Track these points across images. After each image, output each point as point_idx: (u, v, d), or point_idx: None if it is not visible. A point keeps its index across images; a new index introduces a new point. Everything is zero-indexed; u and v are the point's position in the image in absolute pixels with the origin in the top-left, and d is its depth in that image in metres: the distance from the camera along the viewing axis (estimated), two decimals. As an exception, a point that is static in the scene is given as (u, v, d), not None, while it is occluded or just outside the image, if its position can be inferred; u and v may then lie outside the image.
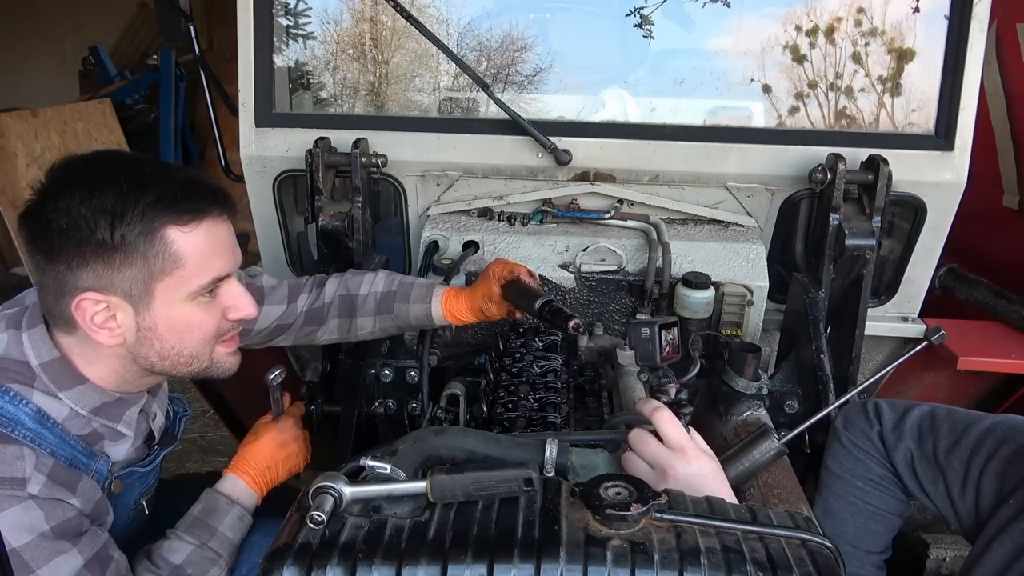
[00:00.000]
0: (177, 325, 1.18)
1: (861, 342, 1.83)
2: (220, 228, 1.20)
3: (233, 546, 1.38)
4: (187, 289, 1.17)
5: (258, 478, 1.46)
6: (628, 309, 1.88)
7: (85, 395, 1.21)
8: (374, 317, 1.64)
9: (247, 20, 1.91)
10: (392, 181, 2.00)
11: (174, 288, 1.16)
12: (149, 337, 1.18)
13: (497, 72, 2.12)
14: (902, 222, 2.01)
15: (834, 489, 1.52)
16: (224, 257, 1.21)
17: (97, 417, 1.23)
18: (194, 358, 1.24)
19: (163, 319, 1.17)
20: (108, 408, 1.25)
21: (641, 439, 1.13)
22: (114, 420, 1.26)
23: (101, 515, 1.24)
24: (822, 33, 2.03)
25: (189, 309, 1.19)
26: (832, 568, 0.87)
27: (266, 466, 1.48)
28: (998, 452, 1.29)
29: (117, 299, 1.14)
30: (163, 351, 1.20)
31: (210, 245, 1.18)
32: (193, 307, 1.19)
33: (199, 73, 2.32)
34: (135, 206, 1.10)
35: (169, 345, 1.20)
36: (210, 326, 1.22)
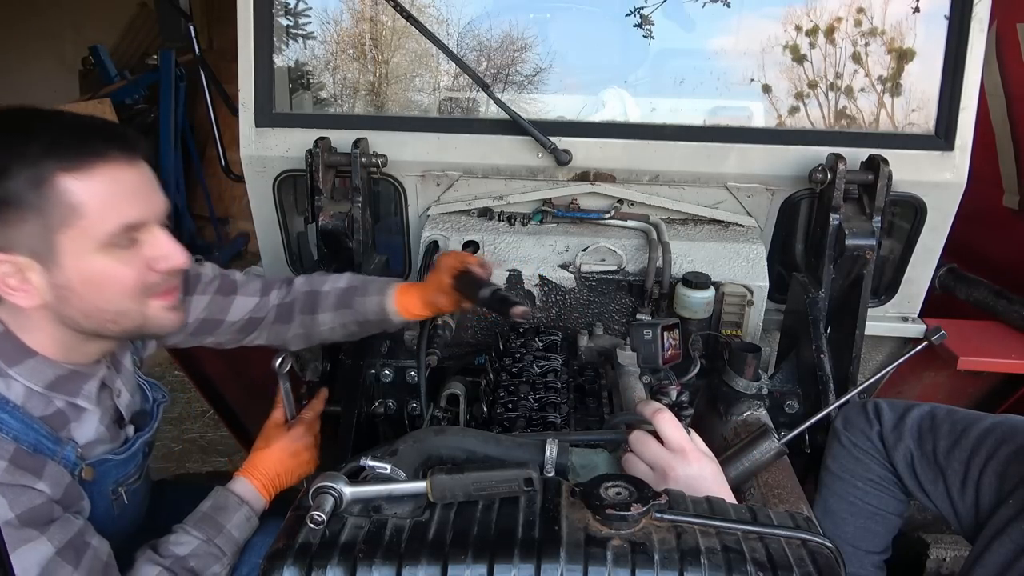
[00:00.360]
0: (92, 279, 1.11)
1: (861, 342, 1.83)
2: (126, 172, 1.12)
3: (238, 546, 1.37)
4: (93, 239, 1.09)
5: (268, 485, 1.46)
6: (628, 309, 1.88)
7: (36, 369, 1.16)
8: (334, 312, 1.60)
9: (247, 20, 1.91)
10: (392, 181, 2.00)
11: (78, 239, 1.08)
12: (67, 296, 1.11)
13: (497, 72, 2.12)
14: (902, 222, 2.01)
15: (834, 489, 1.53)
16: (135, 203, 1.13)
17: (54, 393, 1.18)
18: (121, 315, 1.15)
19: (75, 274, 1.10)
20: (63, 383, 1.19)
21: (641, 440, 1.13)
22: (72, 395, 1.21)
23: (74, 501, 1.19)
24: (822, 33, 2.03)
25: (102, 261, 1.11)
26: (832, 568, 0.87)
27: (276, 474, 1.47)
28: (998, 452, 1.30)
29: (24, 258, 1.08)
30: (85, 309, 1.13)
31: (113, 191, 1.10)
32: (107, 259, 1.11)
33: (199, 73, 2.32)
34: (21, 157, 1.04)
35: (89, 302, 1.12)
36: (130, 279, 1.14)
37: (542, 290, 1.87)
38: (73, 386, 1.22)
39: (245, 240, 6.32)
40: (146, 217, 1.15)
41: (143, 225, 1.15)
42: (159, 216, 1.18)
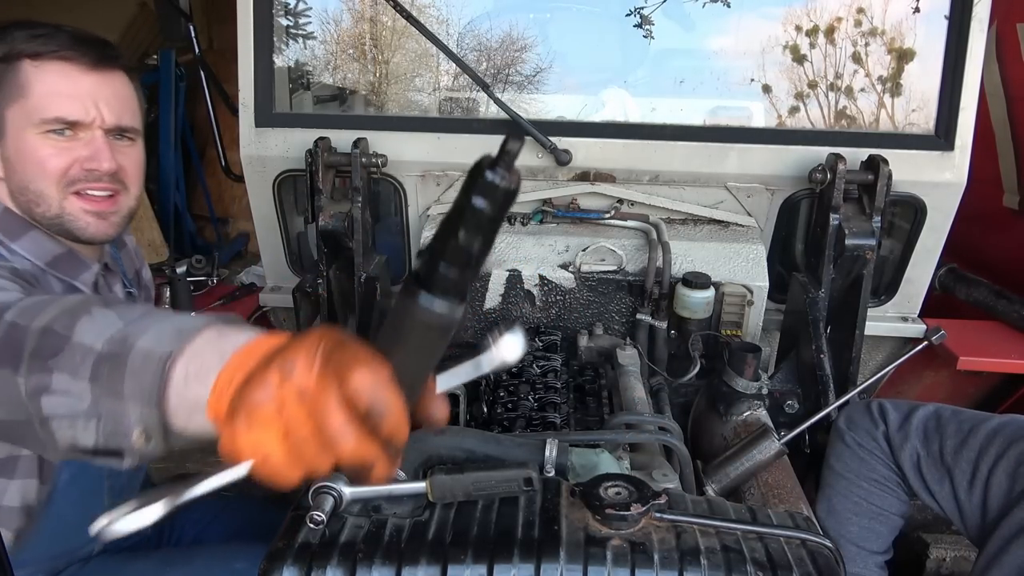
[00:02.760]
0: (23, 155, 1.20)
1: (861, 342, 1.83)
2: (84, 76, 1.21)
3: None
4: (30, 119, 1.18)
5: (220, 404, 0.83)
6: (628, 309, 1.88)
7: (37, 241, 1.22)
8: None
9: (247, 20, 1.91)
10: (392, 181, 2.00)
11: (19, 116, 1.18)
12: (8, 168, 1.21)
13: (497, 72, 2.12)
14: (902, 222, 2.01)
15: (838, 489, 1.52)
16: (80, 104, 1.21)
17: (55, 271, 1.23)
18: (40, 197, 1.22)
19: (13, 148, 1.20)
20: (63, 262, 1.25)
21: None
22: (71, 276, 1.26)
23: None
24: (822, 33, 2.03)
25: (36, 141, 1.20)
26: (832, 568, 0.87)
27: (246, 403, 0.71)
28: (1008, 452, 1.29)
29: None
30: (16, 184, 1.21)
31: (61, 86, 1.19)
32: (40, 140, 1.20)
33: (199, 73, 2.32)
34: (5, 37, 1.18)
35: (19, 177, 1.21)
36: (55, 165, 1.21)
37: (542, 290, 1.87)
38: (72, 268, 1.27)
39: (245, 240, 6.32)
40: (87, 120, 1.22)
41: (83, 125, 1.22)
42: (108, 124, 1.24)
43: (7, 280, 1.02)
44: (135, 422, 0.72)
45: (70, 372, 0.75)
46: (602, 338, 1.83)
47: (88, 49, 1.22)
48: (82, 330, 0.77)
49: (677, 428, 1.42)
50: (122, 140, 1.28)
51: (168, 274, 2.32)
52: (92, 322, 0.78)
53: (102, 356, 0.75)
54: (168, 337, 0.72)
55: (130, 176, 1.29)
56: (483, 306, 1.88)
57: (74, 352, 0.76)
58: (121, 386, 0.73)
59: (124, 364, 0.73)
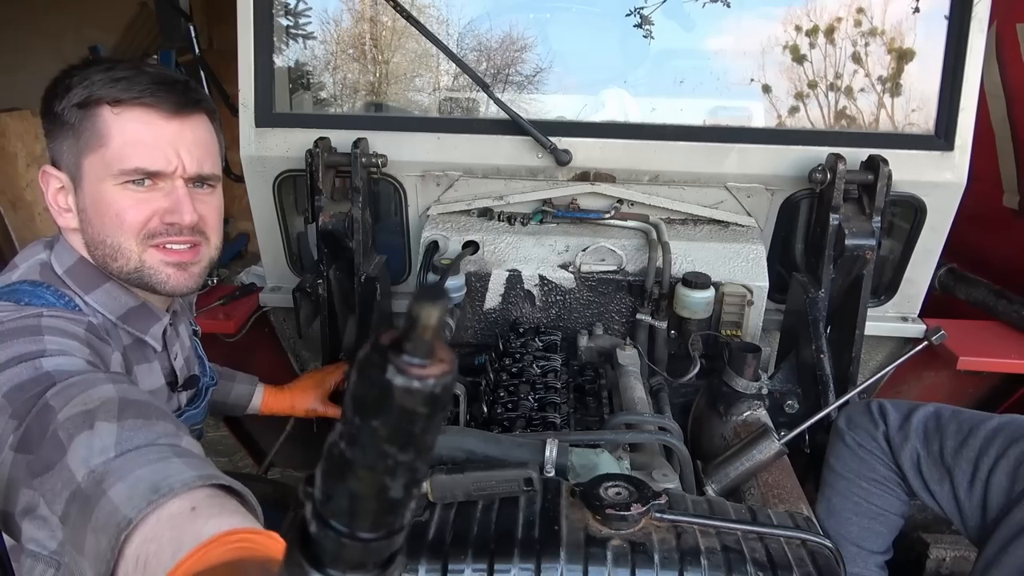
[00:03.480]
0: (100, 207, 1.16)
1: (861, 342, 1.83)
2: (165, 124, 1.16)
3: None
4: (108, 170, 1.14)
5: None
6: (628, 309, 1.88)
7: (111, 295, 1.19)
8: None
9: (247, 20, 1.91)
10: (392, 181, 2.00)
11: (97, 166, 1.15)
12: (84, 219, 1.17)
13: (497, 72, 2.12)
14: (902, 222, 2.01)
15: (838, 489, 1.52)
16: (162, 154, 1.16)
17: (127, 326, 1.21)
18: (119, 251, 1.17)
19: (91, 199, 1.16)
20: (135, 316, 1.22)
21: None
22: (143, 330, 1.23)
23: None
24: (822, 33, 2.03)
25: (114, 193, 1.15)
26: (832, 568, 0.87)
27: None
28: (1008, 452, 1.29)
29: (65, 176, 1.17)
30: (92, 237, 1.17)
31: (142, 134, 1.15)
32: (119, 192, 1.15)
33: (199, 73, 2.31)
34: (83, 81, 1.13)
35: (96, 230, 1.17)
36: (134, 218, 1.16)
37: (542, 290, 1.87)
38: (143, 322, 1.24)
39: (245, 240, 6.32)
40: (168, 170, 1.17)
41: (164, 176, 1.18)
42: (190, 174, 1.20)
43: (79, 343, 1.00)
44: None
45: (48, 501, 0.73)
46: (602, 338, 1.83)
47: (170, 93, 1.17)
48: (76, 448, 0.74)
49: (677, 428, 1.42)
50: (203, 188, 1.24)
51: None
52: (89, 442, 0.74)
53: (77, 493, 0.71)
54: (140, 494, 0.67)
55: (210, 226, 1.25)
56: (483, 306, 1.89)
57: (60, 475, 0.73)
58: (83, 540, 0.68)
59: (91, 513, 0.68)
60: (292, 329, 2.35)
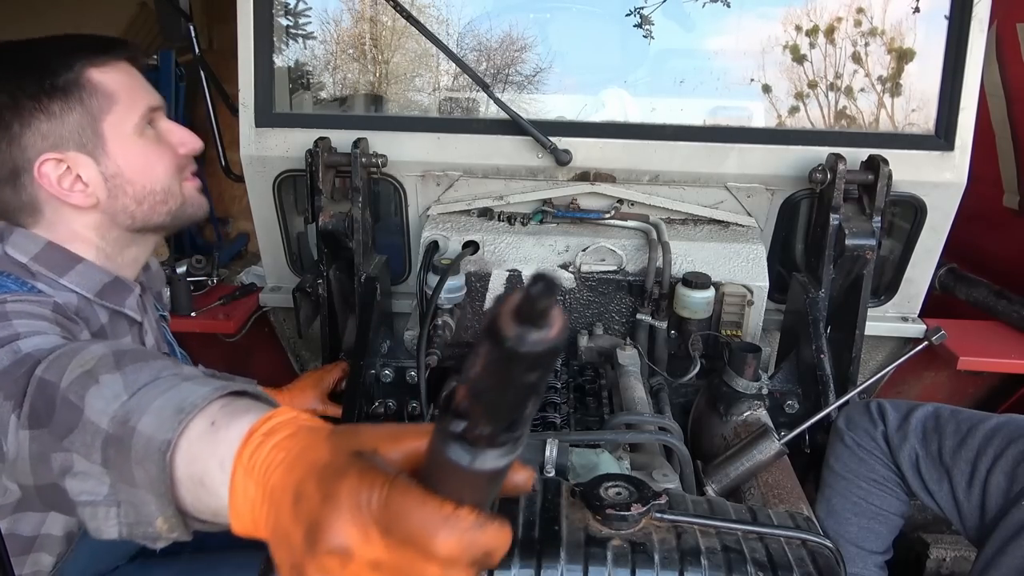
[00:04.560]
0: (138, 162, 1.20)
1: (861, 342, 1.83)
2: (133, 67, 1.23)
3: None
4: (131, 122, 1.18)
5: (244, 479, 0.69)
6: (628, 309, 1.88)
7: (86, 275, 1.20)
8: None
9: (247, 20, 1.91)
10: (392, 181, 2.00)
11: (119, 124, 1.17)
12: (119, 184, 1.19)
13: (497, 72, 2.12)
14: (902, 222, 2.01)
15: (837, 489, 1.53)
16: (149, 92, 1.23)
17: (104, 301, 1.22)
18: (168, 194, 1.24)
19: (123, 160, 1.18)
20: (111, 290, 1.23)
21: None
22: (119, 304, 1.25)
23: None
24: (822, 33, 2.03)
25: (142, 143, 1.20)
26: (832, 568, 0.87)
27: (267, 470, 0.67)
28: (1006, 451, 1.29)
29: (74, 153, 1.15)
30: (137, 193, 1.21)
31: (131, 80, 1.20)
32: (145, 141, 1.21)
33: (199, 73, 2.31)
34: (53, 55, 1.13)
35: (141, 185, 1.20)
36: (169, 157, 1.24)
37: (542, 290, 1.87)
38: (118, 295, 1.25)
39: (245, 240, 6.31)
40: (159, 103, 1.24)
41: (158, 111, 1.24)
42: (164, 106, 1.27)
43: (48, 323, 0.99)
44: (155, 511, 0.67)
45: (84, 454, 0.71)
46: (602, 338, 1.83)
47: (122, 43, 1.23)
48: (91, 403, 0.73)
49: (677, 428, 1.42)
50: None
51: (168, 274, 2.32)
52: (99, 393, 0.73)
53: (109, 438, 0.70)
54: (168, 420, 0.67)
55: None
56: (483, 306, 1.89)
57: (85, 430, 0.72)
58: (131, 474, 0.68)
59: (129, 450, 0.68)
60: (292, 329, 2.36)
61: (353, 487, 0.51)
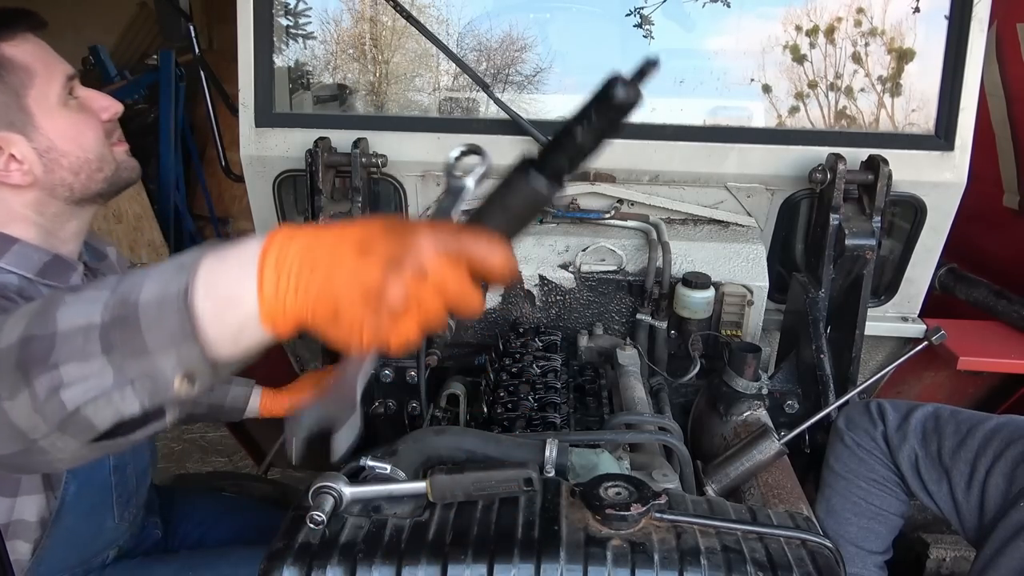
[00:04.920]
0: (69, 132, 1.20)
1: (861, 342, 1.83)
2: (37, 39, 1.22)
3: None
4: (53, 93, 1.18)
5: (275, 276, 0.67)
6: (628, 309, 1.88)
7: (24, 255, 1.20)
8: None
9: (247, 20, 1.91)
10: (392, 181, 2.00)
11: (43, 97, 1.17)
12: (54, 157, 1.19)
13: (497, 72, 2.12)
14: (902, 222, 2.01)
15: (837, 489, 1.53)
16: (61, 60, 1.23)
17: (46, 280, 1.22)
18: (103, 160, 1.24)
19: (54, 132, 1.18)
20: (52, 269, 1.23)
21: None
22: (61, 281, 1.25)
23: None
24: (822, 33, 2.03)
25: (68, 113, 1.20)
26: (832, 568, 0.87)
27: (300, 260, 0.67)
28: (1005, 453, 1.29)
29: (4, 133, 1.15)
30: (73, 164, 1.21)
31: (43, 52, 1.20)
32: (70, 111, 1.21)
33: (199, 73, 2.32)
34: None
35: (75, 155, 1.21)
36: (96, 123, 1.24)
37: (542, 290, 1.87)
38: (60, 273, 1.25)
39: (245, 240, 6.31)
40: (73, 71, 1.24)
41: (74, 80, 1.24)
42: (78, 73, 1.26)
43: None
44: (173, 370, 0.69)
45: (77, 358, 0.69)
46: (602, 338, 1.83)
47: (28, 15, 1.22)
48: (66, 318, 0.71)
49: (677, 428, 1.42)
50: None
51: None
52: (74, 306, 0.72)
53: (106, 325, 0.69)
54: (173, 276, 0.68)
55: None
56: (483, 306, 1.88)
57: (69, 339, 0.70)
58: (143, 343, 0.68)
59: (137, 321, 0.68)
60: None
61: (429, 228, 0.68)
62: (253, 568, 0.87)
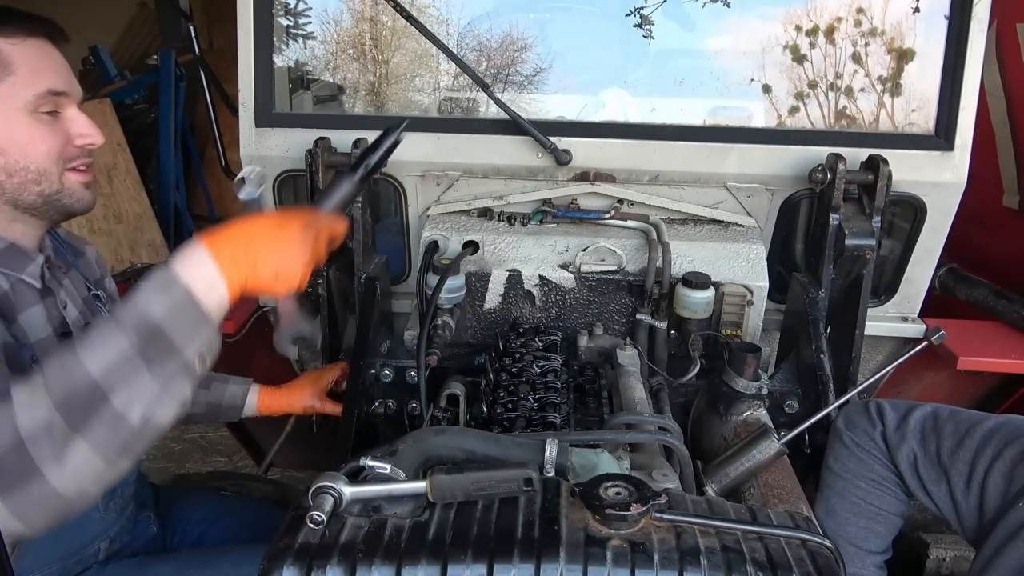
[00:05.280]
0: (17, 136, 1.18)
1: (861, 342, 1.83)
2: (54, 52, 1.23)
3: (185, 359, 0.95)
4: (22, 97, 1.17)
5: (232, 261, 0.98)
6: (628, 309, 1.88)
7: None
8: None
9: (247, 20, 1.91)
10: (392, 181, 2.00)
11: (8, 96, 1.16)
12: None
13: (497, 72, 2.12)
14: (902, 222, 2.01)
15: (836, 489, 1.52)
16: (61, 76, 1.23)
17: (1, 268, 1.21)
18: (42, 175, 1.22)
19: (3, 131, 1.17)
20: (6, 257, 1.23)
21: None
22: (18, 270, 1.24)
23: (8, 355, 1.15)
24: (822, 33, 2.03)
25: (29, 122, 1.19)
26: (832, 568, 0.87)
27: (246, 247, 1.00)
28: (1003, 453, 1.29)
29: None
30: (8, 166, 1.19)
31: (41, 60, 1.20)
32: (33, 121, 1.19)
33: (199, 73, 2.32)
34: None
35: (14, 159, 1.19)
36: (54, 143, 1.22)
37: (542, 290, 1.87)
38: (16, 262, 1.24)
39: (245, 240, 6.30)
40: (69, 89, 1.24)
41: (65, 98, 1.23)
42: (78, 97, 1.27)
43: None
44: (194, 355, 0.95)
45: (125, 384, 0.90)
46: (602, 338, 1.83)
47: (48, 24, 1.23)
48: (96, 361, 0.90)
49: (677, 428, 1.42)
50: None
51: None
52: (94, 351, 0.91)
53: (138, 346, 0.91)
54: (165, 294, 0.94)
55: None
56: (483, 306, 1.89)
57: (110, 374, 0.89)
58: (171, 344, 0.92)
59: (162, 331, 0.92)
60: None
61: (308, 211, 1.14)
62: (253, 567, 0.87)
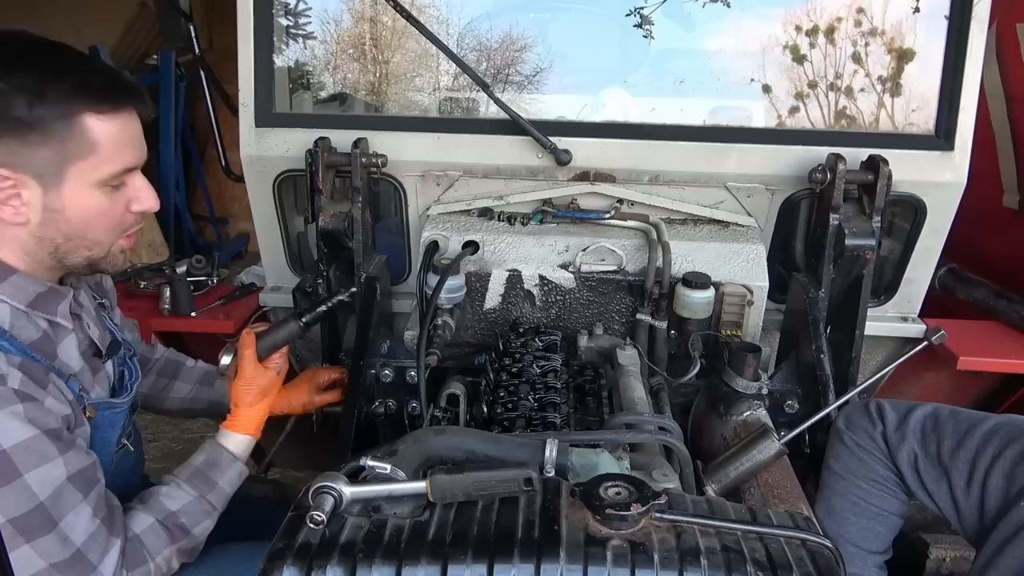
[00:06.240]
0: (85, 211, 1.21)
1: (861, 342, 1.83)
2: (134, 122, 1.25)
3: (227, 499, 1.45)
4: (98, 175, 1.20)
5: (257, 431, 1.56)
6: (628, 309, 1.88)
7: (19, 286, 1.21)
8: (193, 385, 1.78)
9: (247, 20, 1.91)
10: (392, 181, 2.00)
11: (86, 173, 1.19)
12: (55, 219, 1.20)
13: (497, 72, 2.12)
14: (902, 222, 2.01)
15: (836, 489, 1.52)
16: (135, 150, 1.25)
17: (37, 312, 1.23)
18: (96, 244, 1.26)
19: (71, 202, 1.20)
20: (44, 300, 1.25)
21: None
22: (52, 313, 1.26)
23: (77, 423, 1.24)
24: (822, 33, 2.03)
25: (98, 196, 1.22)
26: (832, 568, 0.87)
27: (260, 420, 1.57)
28: (1004, 453, 1.29)
29: (27, 177, 1.16)
30: (68, 232, 1.22)
31: (123, 136, 1.22)
32: (101, 194, 1.22)
33: (199, 73, 2.32)
34: (57, 89, 1.14)
35: (75, 228, 1.22)
36: (115, 215, 1.26)
37: (542, 290, 1.87)
38: (51, 305, 1.27)
39: (245, 240, 6.32)
40: (138, 163, 1.28)
41: (134, 170, 1.27)
42: (143, 163, 1.30)
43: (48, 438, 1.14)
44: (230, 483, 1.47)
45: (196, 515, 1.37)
46: (602, 338, 1.83)
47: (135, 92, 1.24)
48: (166, 500, 1.35)
49: (677, 428, 1.42)
50: None
51: (168, 274, 2.32)
52: (167, 497, 1.36)
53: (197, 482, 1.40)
54: (233, 472, 1.48)
55: None
56: (483, 306, 1.89)
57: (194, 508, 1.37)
58: (229, 494, 1.46)
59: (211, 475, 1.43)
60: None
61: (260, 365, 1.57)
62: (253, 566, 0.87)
